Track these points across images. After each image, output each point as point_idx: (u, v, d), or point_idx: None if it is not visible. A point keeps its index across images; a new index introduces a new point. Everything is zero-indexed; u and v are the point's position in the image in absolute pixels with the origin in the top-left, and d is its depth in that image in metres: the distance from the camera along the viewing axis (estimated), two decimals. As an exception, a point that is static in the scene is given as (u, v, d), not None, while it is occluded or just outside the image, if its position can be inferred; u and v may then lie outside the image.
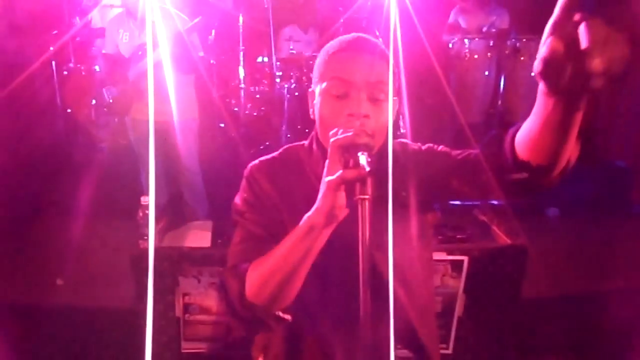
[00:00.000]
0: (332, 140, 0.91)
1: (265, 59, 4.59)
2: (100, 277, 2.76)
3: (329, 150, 0.92)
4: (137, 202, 2.01)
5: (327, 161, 0.92)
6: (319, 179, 0.93)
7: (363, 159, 0.86)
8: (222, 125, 4.53)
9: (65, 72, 4.42)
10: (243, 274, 1.02)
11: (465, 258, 2.08)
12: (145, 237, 1.95)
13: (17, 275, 2.87)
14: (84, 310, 2.58)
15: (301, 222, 0.94)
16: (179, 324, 2.10)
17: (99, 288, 2.74)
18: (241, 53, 4.21)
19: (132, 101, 2.92)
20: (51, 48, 4.20)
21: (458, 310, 2.13)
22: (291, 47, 4.24)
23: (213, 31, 4.46)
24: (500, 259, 2.11)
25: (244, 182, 1.16)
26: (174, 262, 2.00)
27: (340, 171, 0.86)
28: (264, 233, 1.09)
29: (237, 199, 1.15)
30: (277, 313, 1.04)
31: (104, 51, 3.08)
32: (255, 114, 4.50)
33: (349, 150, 0.89)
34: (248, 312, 1.03)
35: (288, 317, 1.06)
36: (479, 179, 1.01)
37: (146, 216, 1.92)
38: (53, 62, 4.24)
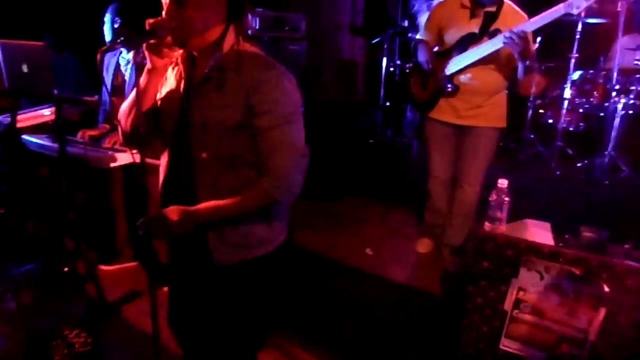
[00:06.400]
0: None
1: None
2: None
3: None
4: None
5: None
6: None
7: None
8: (532, 136, 4.27)
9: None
10: None
11: None
12: (494, 221, 1.92)
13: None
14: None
15: None
16: (505, 318, 1.99)
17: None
18: (572, 60, 3.87)
19: None
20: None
21: None
22: (637, 58, 3.69)
23: (538, 38, 4.23)
24: None
25: None
26: (520, 251, 1.89)
27: None
28: None
29: None
30: None
31: None
32: (571, 129, 4.11)
33: None
34: None
35: None
36: None
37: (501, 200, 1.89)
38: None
